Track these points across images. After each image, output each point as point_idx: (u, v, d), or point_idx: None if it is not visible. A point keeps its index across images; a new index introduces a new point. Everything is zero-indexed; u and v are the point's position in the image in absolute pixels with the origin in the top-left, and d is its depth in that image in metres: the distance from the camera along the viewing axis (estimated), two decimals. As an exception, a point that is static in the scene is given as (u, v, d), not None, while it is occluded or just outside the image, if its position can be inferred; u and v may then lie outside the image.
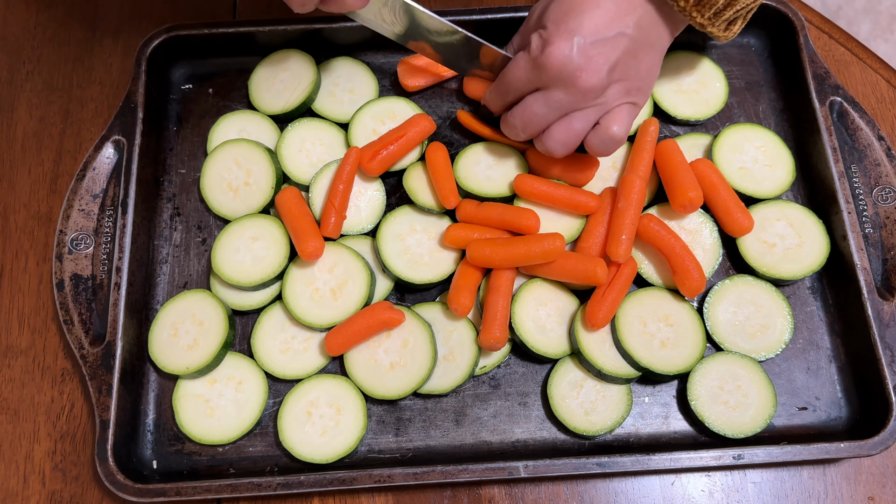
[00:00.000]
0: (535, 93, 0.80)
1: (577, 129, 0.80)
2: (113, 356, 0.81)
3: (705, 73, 0.96)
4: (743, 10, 0.80)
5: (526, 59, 0.79)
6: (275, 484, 0.77)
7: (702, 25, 0.79)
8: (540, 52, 0.77)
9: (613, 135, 0.80)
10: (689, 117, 0.94)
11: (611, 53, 0.76)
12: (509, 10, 0.95)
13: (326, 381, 0.83)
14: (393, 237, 0.87)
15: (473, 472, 0.77)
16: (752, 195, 0.89)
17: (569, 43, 0.75)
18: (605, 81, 0.77)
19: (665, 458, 0.77)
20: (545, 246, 0.81)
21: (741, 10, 0.79)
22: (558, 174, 0.88)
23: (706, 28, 0.80)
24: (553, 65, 0.76)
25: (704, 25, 0.79)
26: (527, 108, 0.80)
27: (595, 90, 0.77)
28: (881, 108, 0.96)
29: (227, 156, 0.91)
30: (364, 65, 0.97)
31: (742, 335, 0.84)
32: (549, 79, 0.77)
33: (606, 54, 0.76)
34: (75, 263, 0.87)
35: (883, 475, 0.82)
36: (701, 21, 0.79)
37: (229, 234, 0.88)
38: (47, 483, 0.83)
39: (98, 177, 0.90)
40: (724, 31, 0.82)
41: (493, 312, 0.81)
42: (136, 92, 0.92)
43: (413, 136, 0.89)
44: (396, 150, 0.88)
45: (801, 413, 0.83)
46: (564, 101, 0.78)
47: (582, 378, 0.83)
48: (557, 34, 0.76)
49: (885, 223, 0.88)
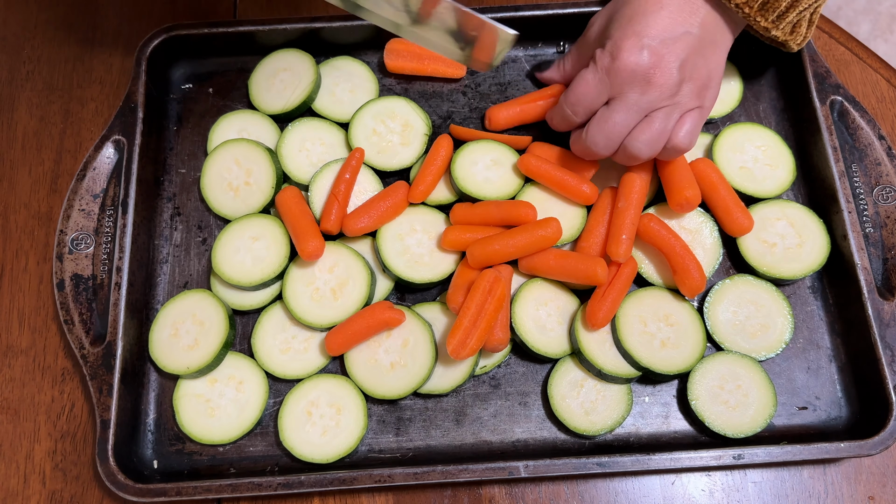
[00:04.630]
0: (608, 104, 0.80)
1: (660, 128, 0.80)
2: (113, 356, 0.81)
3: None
4: (806, 12, 0.80)
5: (594, 72, 0.79)
6: (275, 484, 0.77)
7: (766, 29, 0.80)
8: (611, 60, 0.78)
9: (678, 143, 0.81)
10: None
11: (680, 51, 0.78)
12: (509, 10, 0.95)
13: (327, 381, 0.83)
14: (393, 237, 0.87)
15: (474, 471, 0.77)
16: (753, 195, 0.89)
17: (638, 45, 0.77)
18: (677, 78, 0.78)
19: (665, 458, 0.77)
20: (545, 231, 0.81)
21: (804, 10, 0.79)
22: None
23: (770, 32, 0.81)
24: (626, 67, 0.77)
25: (769, 29, 0.80)
26: (605, 119, 0.80)
27: (669, 86, 0.78)
28: (881, 108, 0.96)
29: (227, 155, 0.91)
30: (364, 65, 0.97)
31: (742, 335, 0.84)
32: (623, 82, 0.78)
33: (676, 52, 0.77)
34: (76, 263, 0.87)
35: (883, 475, 0.82)
36: (765, 25, 0.80)
37: (229, 233, 0.88)
38: (48, 483, 0.83)
39: (98, 177, 0.90)
40: (791, 35, 0.82)
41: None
42: (136, 92, 0.92)
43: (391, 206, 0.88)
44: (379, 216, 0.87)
45: (801, 413, 0.83)
46: (642, 102, 0.78)
47: (582, 378, 0.83)
48: (626, 39, 0.77)
49: (886, 223, 0.88)
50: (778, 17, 0.79)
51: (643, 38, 0.77)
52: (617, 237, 0.82)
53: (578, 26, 0.94)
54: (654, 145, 0.81)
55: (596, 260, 0.82)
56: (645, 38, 0.77)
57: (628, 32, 0.77)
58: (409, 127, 0.93)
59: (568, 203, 0.88)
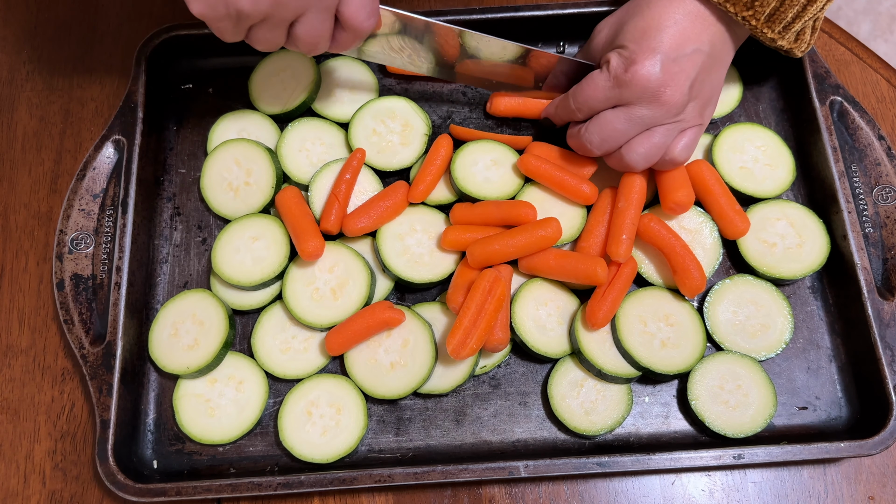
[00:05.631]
0: (614, 109, 0.80)
1: (659, 143, 0.81)
2: (113, 356, 0.81)
3: None
4: (810, 20, 0.81)
5: (605, 77, 0.79)
6: (275, 484, 0.77)
7: (772, 40, 0.81)
8: (624, 71, 0.77)
9: (674, 157, 0.83)
10: None
11: (690, 70, 0.78)
12: (509, 10, 0.95)
13: (327, 381, 0.83)
14: (393, 237, 0.87)
15: (473, 471, 0.77)
16: (753, 195, 0.89)
17: (653, 60, 0.77)
18: (686, 97, 0.78)
19: (665, 458, 0.77)
20: (545, 231, 0.81)
21: (809, 19, 0.80)
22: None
23: (776, 42, 0.81)
24: (639, 81, 0.77)
25: (775, 40, 0.81)
26: (606, 124, 0.80)
27: (678, 105, 0.78)
28: (881, 108, 0.96)
29: (227, 155, 0.91)
30: (364, 65, 0.97)
31: (742, 335, 0.84)
32: (632, 96, 0.78)
33: (687, 71, 0.78)
34: (75, 263, 0.87)
35: (883, 475, 0.82)
36: (772, 36, 0.80)
37: (229, 233, 0.88)
38: (48, 483, 0.83)
39: (98, 176, 0.90)
40: (795, 43, 0.83)
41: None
42: (136, 92, 0.92)
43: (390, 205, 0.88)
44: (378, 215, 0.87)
45: (801, 413, 0.83)
46: (647, 117, 0.79)
47: (582, 378, 0.83)
48: (641, 52, 0.77)
49: (886, 223, 0.88)
50: (784, 28, 0.80)
51: (657, 55, 0.77)
52: (617, 237, 0.82)
53: (578, 26, 0.94)
54: (650, 159, 0.82)
55: (596, 260, 0.82)
56: (660, 54, 0.77)
57: (643, 47, 0.77)
58: (409, 127, 0.93)
59: (568, 203, 0.88)
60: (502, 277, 0.81)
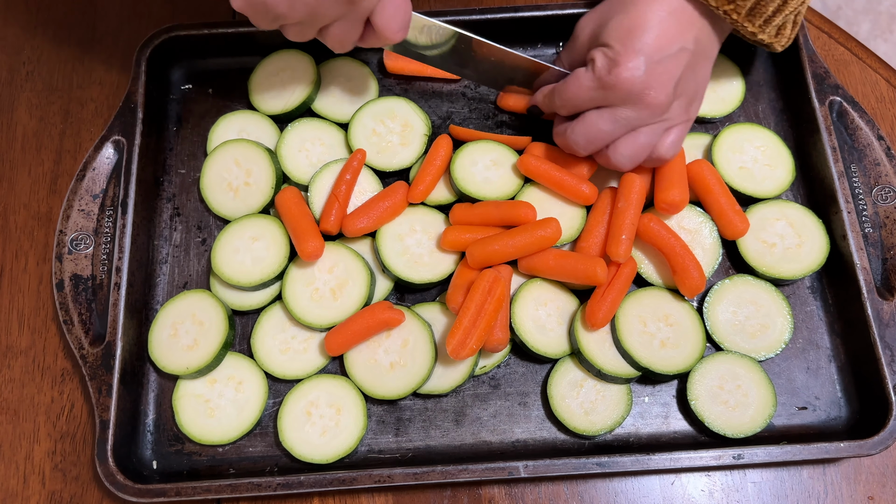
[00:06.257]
0: (598, 110, 0.80)
1: (644, 143, 0.81)
2: (113, 356, 0.81)
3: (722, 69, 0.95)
4: (791, 14, 0.80)
5: (590, 77, 0.79)
6: (275, 484, 0.77)
7: (753, 34, 0.81)
8: (608, 72, 0.77)
9: (661, 155, 0.83)
10: (705, 115, 0.94)
11: (675, 70, 0.78)
12: (509, 10, 0.95)
13: (326, 381, 0.83)
14: (392, 237, 0.87)
15: (473, 472, 0.77)
16: (752, 195, 0.89)
17: (637, 62, 0.76)
18: (671, 97, 0.78)
19: (665, 458, 0.77)
20: (545, 231, 0.81)
21: (789, 13, 0.80)
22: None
23: (757, 36, 0.81)
24: (623, 84, 0.76)
25: (756, 34, 0.81)
26: (591, 124, 0.80)
27: (662, 106, 0.78)
28: (881, 108, 0.96)
29: (227, 156, 0.91)
30: (364, 65, 0.97)
31: (742, 335, 0.84)
32: (616, 97, 0.78)
33: (671, 71, 0.78)
34: (75, 263, 0.87)
35: (883, 475, 0.82)
36: (752, 30, 0.80)
37: (229, 234, 0.88)
38: (47, 483, 0.83)
39: (98, 177, 0.90)
40: (776, 37, 0.83)
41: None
42: (136, 92, 0.92)
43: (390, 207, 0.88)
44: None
45: (800, 413, 0.83)
46: (632, 118, 0.79)
47: (582, 378, 0.83)
48: (625, 53, 0.77)
49: (885, 223, 0.88)
50: (765, 22, 0.80)
51: (641, 57, 0.76)
52: (617, 237, 0.82)
53: (578, 26, 0.94)
54: (636, 159, 0.82)
55: (595, 260, 0.82)
56: (643, 56, 0.76)
57: (628, 48, 0.77)
58: (409, 127, 0.93)
59: (567, 203, 0.88)
60: (502, 277, 0.81)
